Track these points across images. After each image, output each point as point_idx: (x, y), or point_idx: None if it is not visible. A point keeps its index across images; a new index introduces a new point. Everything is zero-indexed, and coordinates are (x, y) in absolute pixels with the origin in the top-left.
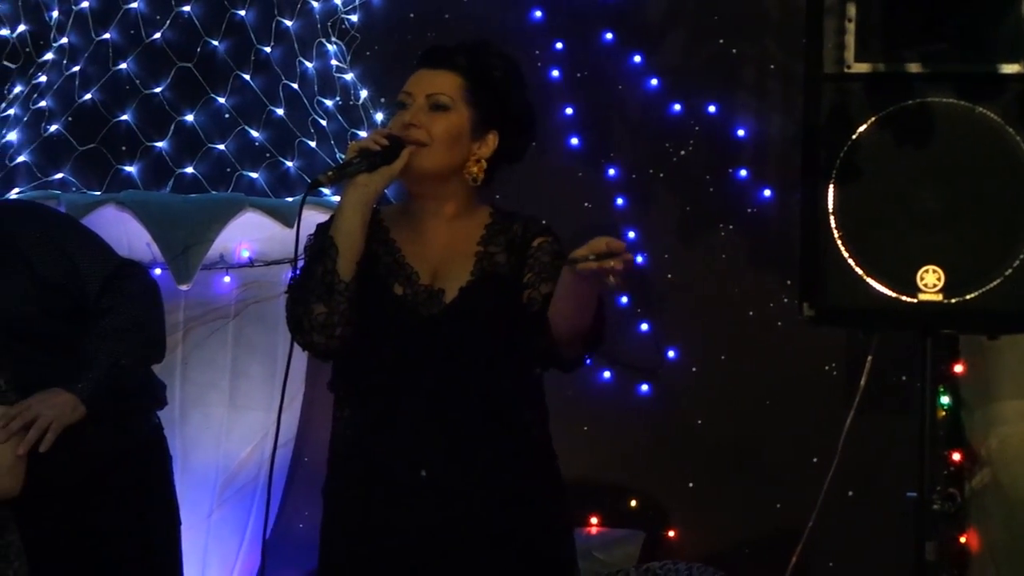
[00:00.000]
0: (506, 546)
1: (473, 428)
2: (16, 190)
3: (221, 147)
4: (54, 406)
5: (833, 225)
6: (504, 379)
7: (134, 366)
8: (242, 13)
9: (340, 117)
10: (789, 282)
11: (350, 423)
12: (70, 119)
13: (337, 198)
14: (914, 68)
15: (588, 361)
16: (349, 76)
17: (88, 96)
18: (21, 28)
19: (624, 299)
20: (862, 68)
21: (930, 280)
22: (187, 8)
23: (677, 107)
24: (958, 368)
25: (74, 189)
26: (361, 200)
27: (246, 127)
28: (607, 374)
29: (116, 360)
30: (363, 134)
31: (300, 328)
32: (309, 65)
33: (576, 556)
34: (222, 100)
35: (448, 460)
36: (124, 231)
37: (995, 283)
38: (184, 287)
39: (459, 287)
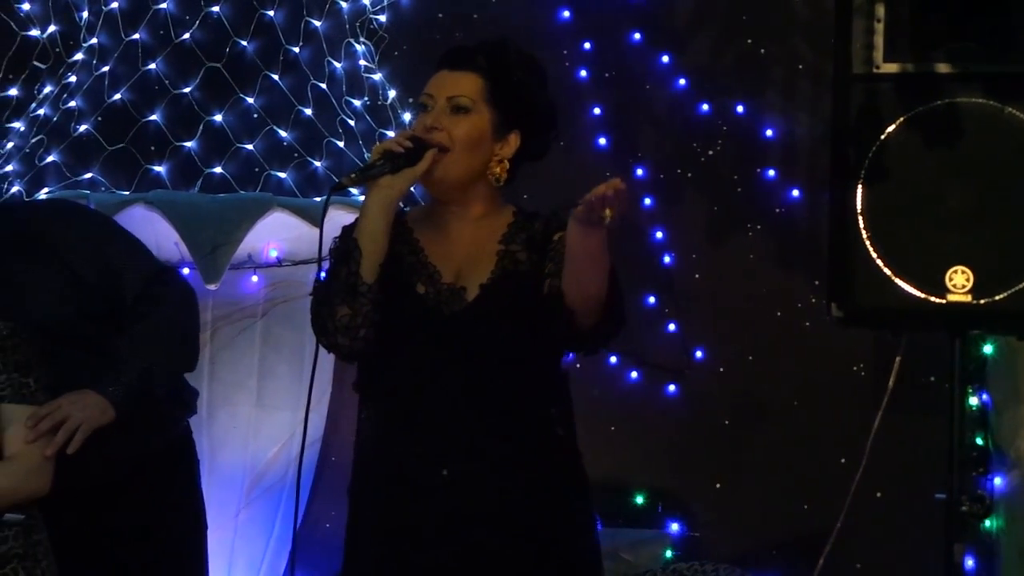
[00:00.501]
0: (529, 546)
1: (496, 426)
2: (46, 189)
3: (249, 147)
4: (84, 408)
5: (861, 225)
6: (528, 376)
7: (167, 373)
8: (271, 13)
9: (368, 117)
10: (817, 282)
11: (374, 423)
12: (99, 119)
13: (364, 198)
14: (943, 68)
15: (614, 359)
16: (377, 76)
17: (117, 96)
18: (51, 28)
19: (652, 299)
20: (891, 68)
21: (959, 281)
22: (216, 8)
23: (705, 107)
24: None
25: (103, 189)
26: (384, 202)
27: (274, 127)
28: (634, 374)
29: (149, 366)
30: (391, 134)
31: (324, 330)
32: (337, 65)
33: (601, 556)
34: (250, 100)
35: (470, 459)
36: (152, 231)
37: None
38: (212, 287)
39: (480, 284)
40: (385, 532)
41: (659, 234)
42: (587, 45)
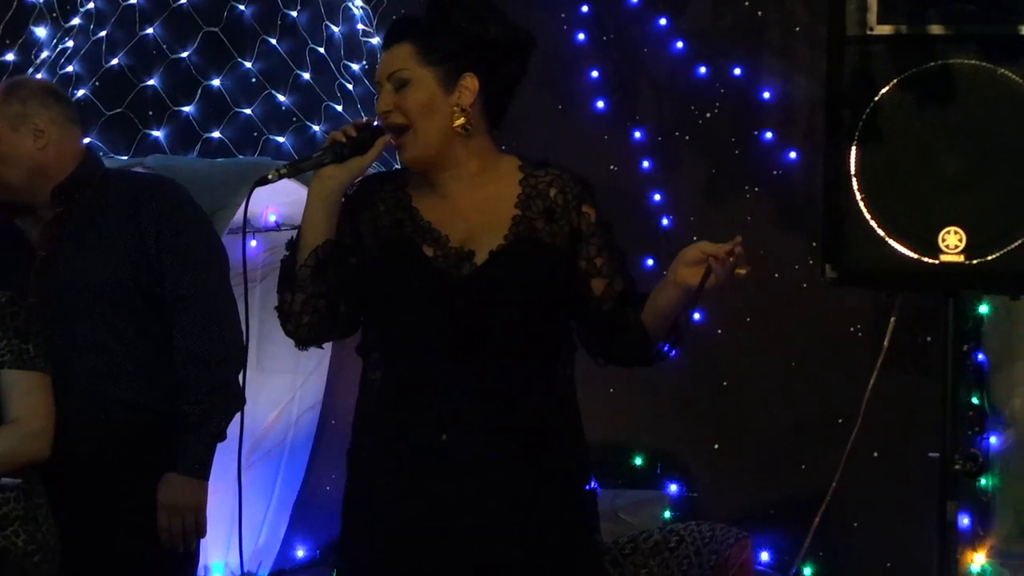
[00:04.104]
0: (526, 510)
1: (499, 392)
2: None
3: (248, 111)
4: (185, 505)
5: (855, 187)
6: (535, 342)
7: (226, 421)
8: None
9: (367, 81)
10: (814, 244)
11: (377, 386)
12: (97, 84)
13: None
14: (936, 30)
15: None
16: (375, 40)
17: (115, 61)
18: None
19: (650, 262)
20: (885, 30)
21: (952, 241)
22: None
23: (703, 70)
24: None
25: (102, 154)
26: (324, 192)
27: (273, 91)
28: None
29: (215, 431)
30: None
31: (279, 315)
32: (335, 29)
33: (598, 518)
34: (249, 64)
35: (469, 424)
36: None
37: (1017, 244)
38: None
39: (490, 250)
40: (383, 495)
41: (657, 197)
42: (585, 8)
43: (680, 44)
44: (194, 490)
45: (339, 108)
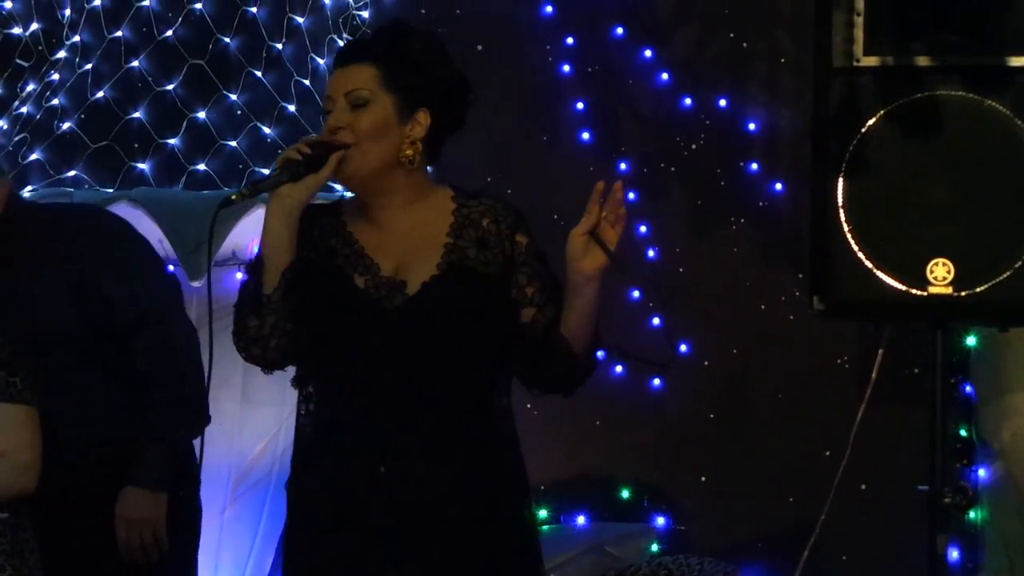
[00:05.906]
0: (467, 540)
1: (436, 422)
2: (29, 188)
3: (233, 144)
4: (141, 519)
5: (843, 218)
6: (471, 371)
7: (186, 437)
8: (254, 10)
9: None
10: (801, 275)
11: (314, 418)
12: (83, 117)
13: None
14: (923, 61)
15: (600, 353)
16: None
17: (100, 94)
18: (34, 27)
19: (636, 293)
20: (871, 61)
21: (940, 273)
22: (199, 5)
23: (688, 101)
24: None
25: (87, 186)
26: (283, 211)
27: (258, 124)
28: (619, 368)
29: (172, 442)
30: None
31: (239, 341)
32: (320, 62)
33: (540, 545)
34: (234, 97)
35: (408, 455)
36: (136, 228)
37: (1005, 275)
38: (196, 284)
39: (422, 280)
40: (323, 529)
41: (643, 228)
42: (570, 40)
43: (665, 75)
44: (152, 503)
45: None
